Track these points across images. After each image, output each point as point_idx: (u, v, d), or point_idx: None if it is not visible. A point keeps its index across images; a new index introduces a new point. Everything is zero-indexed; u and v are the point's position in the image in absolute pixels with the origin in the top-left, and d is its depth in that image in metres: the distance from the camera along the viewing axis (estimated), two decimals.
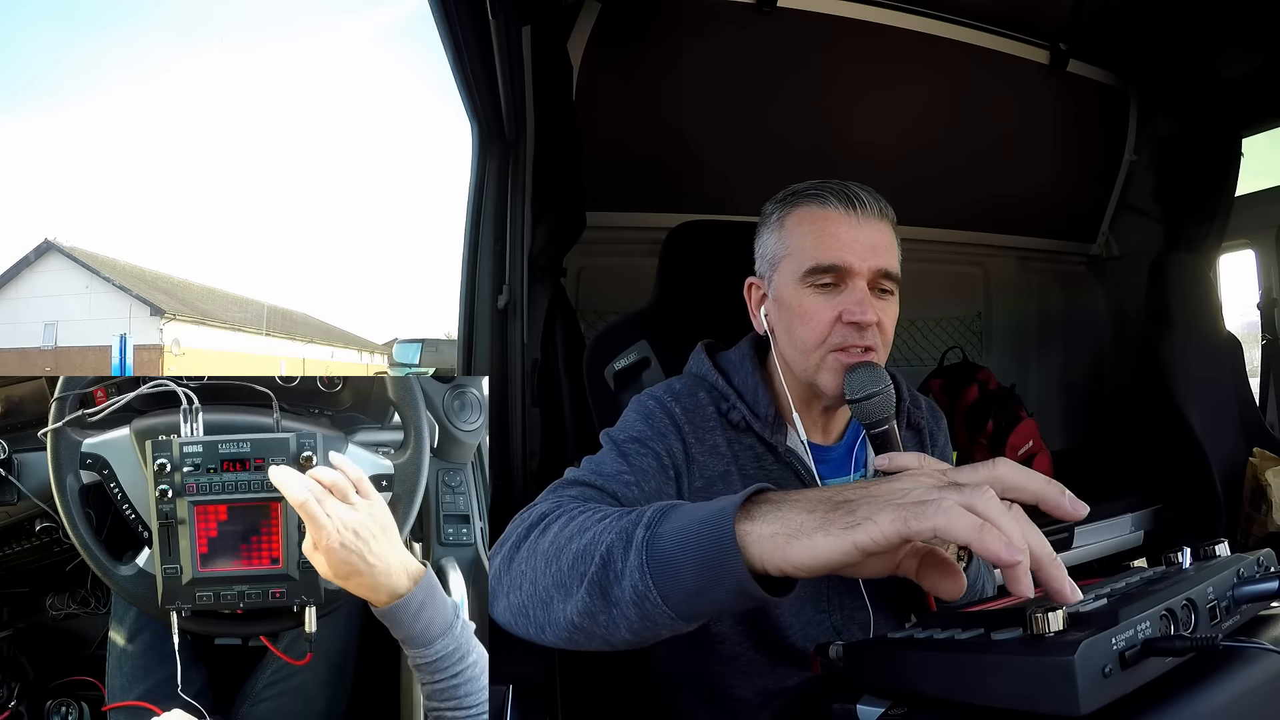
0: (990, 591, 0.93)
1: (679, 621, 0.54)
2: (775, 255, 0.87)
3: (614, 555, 0.56)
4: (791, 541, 0.48)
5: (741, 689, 0.88)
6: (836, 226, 0.83)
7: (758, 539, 0.49)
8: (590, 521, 0.61)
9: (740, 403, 0.88)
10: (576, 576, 0.58)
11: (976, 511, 0.45)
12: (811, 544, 0.47)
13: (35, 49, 39.95)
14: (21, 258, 16.58)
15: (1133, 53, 2.20)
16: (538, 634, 0.63)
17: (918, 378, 2.35)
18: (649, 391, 0.90)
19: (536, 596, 0.61)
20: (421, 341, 4.95)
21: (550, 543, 0.62)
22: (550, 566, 0.61)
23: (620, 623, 0.56)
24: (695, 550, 0.51)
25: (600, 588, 0.56)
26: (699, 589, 0.51)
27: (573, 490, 0.76)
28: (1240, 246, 2.33)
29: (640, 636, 0.56)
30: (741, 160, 1.99)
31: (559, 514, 0.66)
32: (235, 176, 44.08)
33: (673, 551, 0.52)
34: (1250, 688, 0.45)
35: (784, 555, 0.48)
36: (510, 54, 1.22)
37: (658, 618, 0.53)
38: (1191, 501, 1.97)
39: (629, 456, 0.81)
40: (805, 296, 0.84)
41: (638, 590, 0.53)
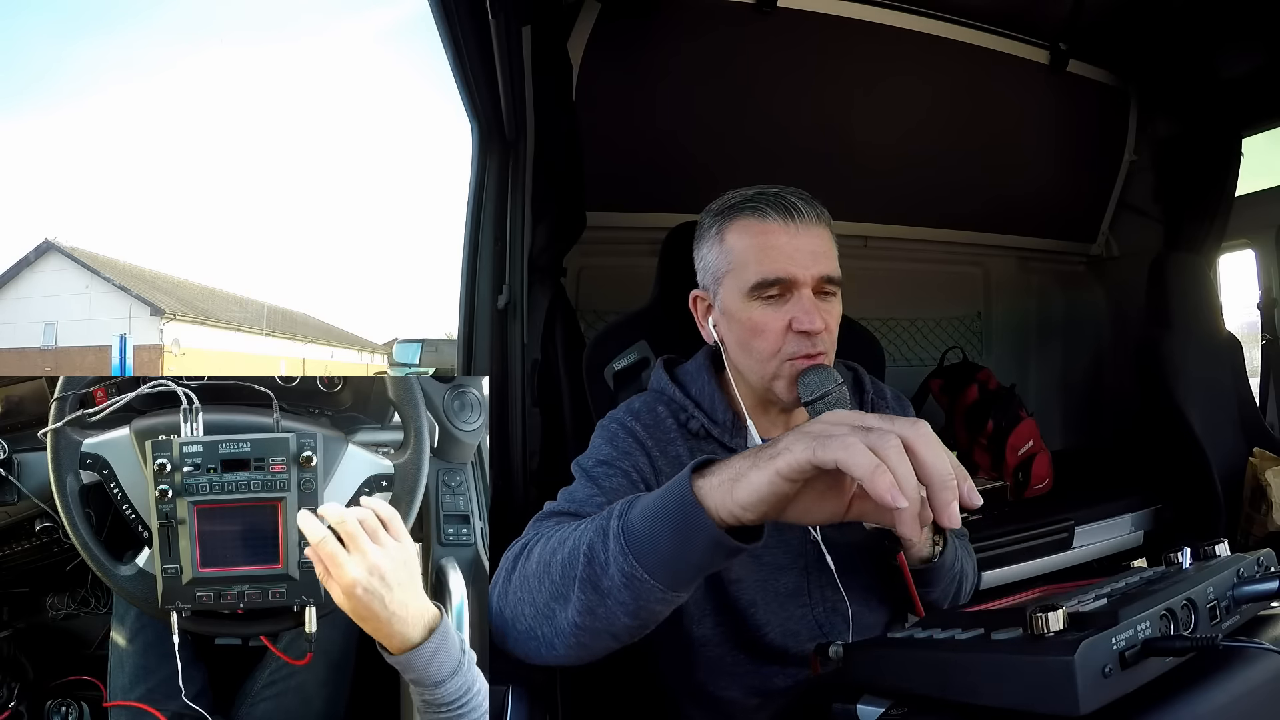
0: (970, 572, 0.95)
1: (669, 592, 0.58)
2: (718, 269, 0.88)
3: (595, 550, 0.60)
4: (735, 484, 0.53)
5: (731, 690, 0.90)
6: (777, 238, 0.84)
7: (709, 490, 0.54)
8: (567, 534, 0.65)
9: (698, 411, 0.90)
10: (569, 581, 0.62)
11: (877, 452, 0.49)
12: (747, 481, 0.53)
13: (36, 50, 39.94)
14: (21, 258, 16.60)
15: (1133, 53, 2.20)
16: (549, 651, 0.66)
17: (918, 378, 2.34)
18: (610, 414, 0.93)
19: (539, 615, 0.65)
20: (421, 341, 4.96)
21: (536, 563, 0.67)
22: (543, 583, 0.65)
23: (617, 610, 0.59)
24: (664, 519, 0.56)
25: (591, 583, 0.60)
26: (677, 553, 0.56)
27: (549, 521, 0.78)
28: (1240, 246, 2.32)
29: (639, 620, 0.60)
30: (741, 160, 1.98)
31: (537, 539, 0.70)
32: (236, 176, 44.13)
33: (645, 527, 0.57)
34: (1250, 688, 0.45)
35: (732, 498, 0.53)
36: (510, 54, 1.22)
37: (648, 593, 0.58)
38: (1191, 501, 1.97)
39: (598, 480, 0.83)
40: (753, 310, 0.85)
41: (624, 572, 0.58)
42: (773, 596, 0.89)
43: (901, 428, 0.51)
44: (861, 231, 2.27)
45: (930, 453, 0.50)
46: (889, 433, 0.50)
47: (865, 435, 0.50)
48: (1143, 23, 2.00)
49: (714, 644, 0.89)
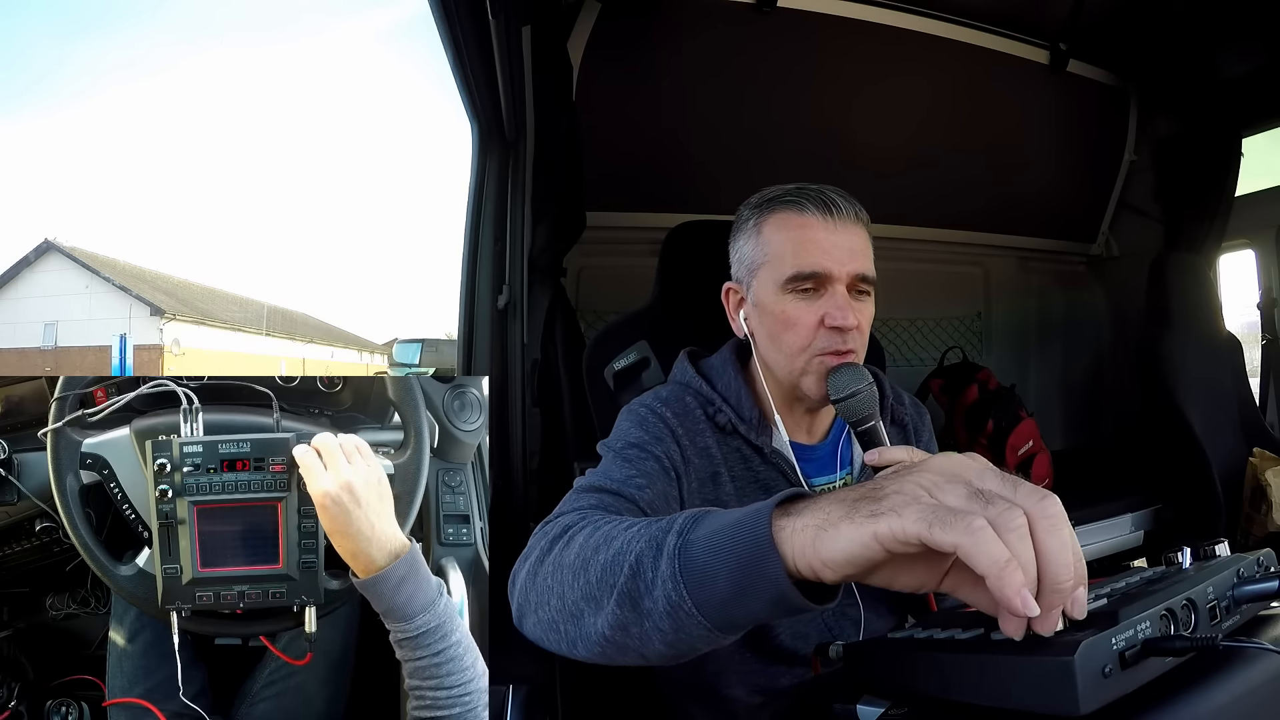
0: None
1: (715, 633, 0.50)
2: (754, 261, 0.88)
3: (644, 564, 0.53)
4: (820, 534, 0.45)
5: (736, 689, 0.89)
6: (815, 233, 0.84)
7: (791, 534, 0.46)
8: (617, 530, 0.58)
9: (726, 406, 0.89)
10: (606, 588, 0.55)
11: (1004, 539, 0.40)
12: (837, 533, 0.44)
13: (36, 50, 39.96)
14: (21, 258, 16.60)
15: (1133, 53, 2.20)
16: (569, 649, 0.60)
17: (918, 378, 2.34)
18: (638, 400, 0.91)
19: (565, 611, 0.59)
20: (421, 341, 4.96)
21: (576, 554, 0.60)
22: (578, 579, 0.58)
23: (654, 635, 0.52)
24: (730, 554, 0.48)
25: (631, 599, 0.53)
26: (735, 596, 0.48)
27: (591, 498, 0.75)
28: (1240, 246, 2.32)
29: (676, 650, 0.53)
30: (741, 160, 1.98)
31: (583, 525, 0.63)
32: (236, 177, 44.14)
33: (706, 556, 0.49)
34: (1250, 688, 0.45)
35: (814, 549, 0.45)
36: (510, 54, 1.22)
37: (693, 629, 0.50)
38: (1191, 501, 1.97)
39: (633, 461, 0.81)
40: (787, 303, 0.85)
41: (671, 600, 0.50)
42: None
43: (1026, 499, 0.43)
44: None
45: (1054, 539, 0.41)
46: (1014, 508, 0.42)
47: (987, 508, 0.42)
48: (1143, 22, 2.00)
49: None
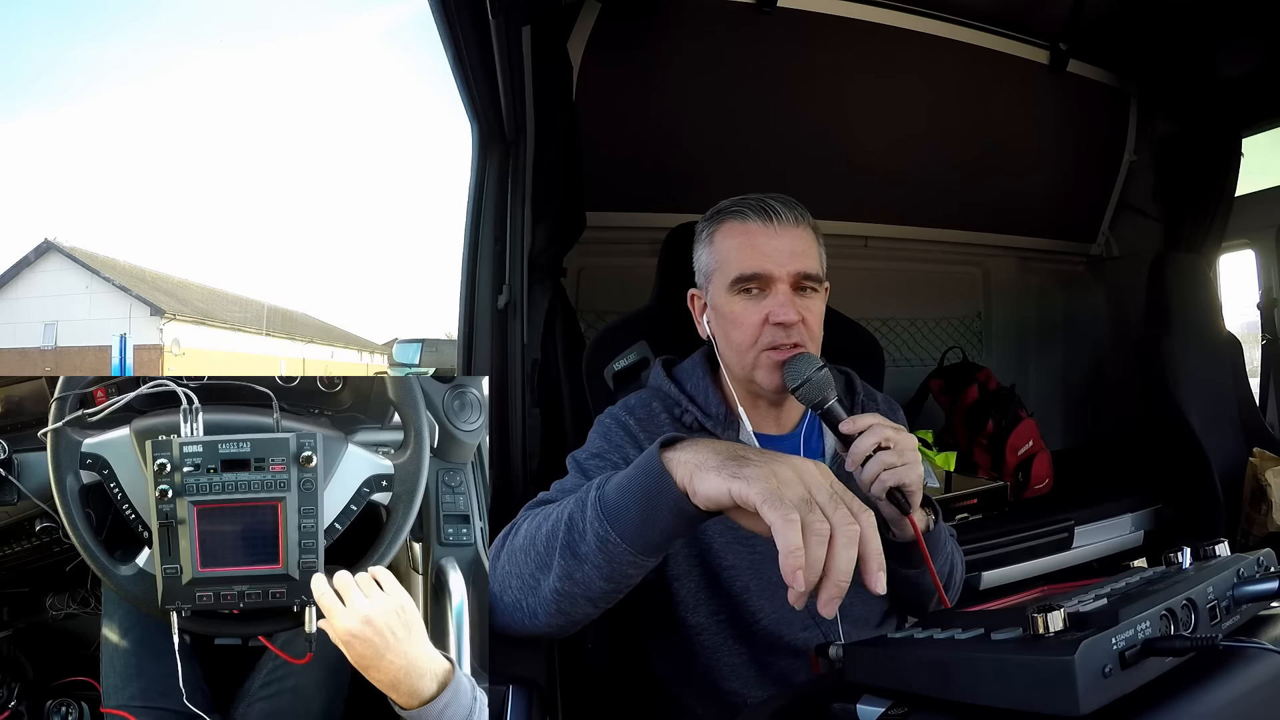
0: (958, 562, 0.98)
1: (639, 556, 0.63)
2: (708, 268, 0.95)
3: (575, 519, 0.66)
4: (696, 470, 0.58)
5: (730, 681, 0.92)
6: (756, 238, 0.91)
7: (678, 464, 0.60)
8: (551, 510, 0.72)
9: (692, 405, 0.95)
10: (552, 549, 0.68)
11: (805, 537, 0.53)
12: (705, 477, 0.58)
13: (35, 49, 39.96)
14: (21, 258, 16.58)
15: (1133, 53, 2.20)
16: (532, 621, 0.71)
17: (918, 378, 2.34)
18: (607, 411, 0.98)
19: (525, 586, 0.71)
20: (421, 341, 4.97)
21: (524, 538, 0.73)
22: (529, 555, 0.71)
23: (593, 574, 0.65)
24: (637, 487, 0.62)
25: (570, 549, 0.66)
26: (645, 518, 0.61)
27: (539, 509, 0.81)
28: (1240, 246, 2.33)
29: (613, 583, 0.65)
30: (741, 160, 1.99)
31: (524, 518, 0.77)
32: (236, 176, 44.13)
33: (618, 496, 0.63)
34: (1250, 688, 0.45)
35: (690, 480, 0.59)
36: (510, 54, 1.22)
37: (620, 555, 0.63)
38: (1191, 501, 1.97)
39: (588, 472, 0.88)
40: (735, 303, 0.92)
41: (599, 536, 0.63)
42: (765, 583, 0.91)
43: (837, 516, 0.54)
44: (861, 231, 2.27)
45: (844, 553, 0.53)
46: (825, 521, 0.53)
47: (808, 513, 0.53)
48: (1142, 22, 2.01)
49: (709, 632, 0.92)
